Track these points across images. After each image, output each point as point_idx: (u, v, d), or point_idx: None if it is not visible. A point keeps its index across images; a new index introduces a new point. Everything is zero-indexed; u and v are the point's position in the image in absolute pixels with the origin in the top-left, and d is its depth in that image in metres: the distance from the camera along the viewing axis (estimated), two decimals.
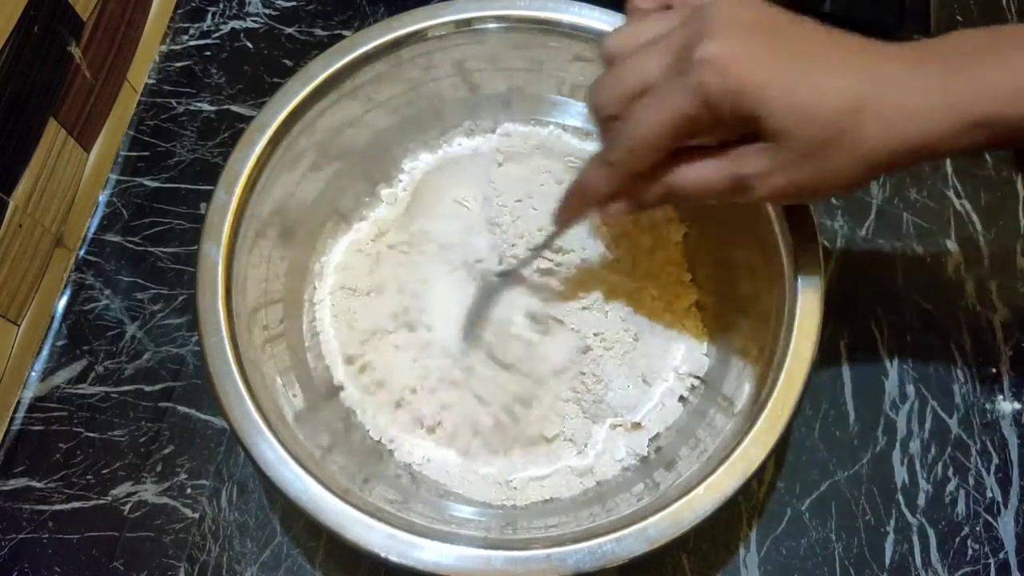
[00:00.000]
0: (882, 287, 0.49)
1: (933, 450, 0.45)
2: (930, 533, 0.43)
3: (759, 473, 0.35)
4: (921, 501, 0.44)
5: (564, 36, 0.44)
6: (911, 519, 0.44)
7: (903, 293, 0.49)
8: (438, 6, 0.44)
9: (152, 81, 0.55)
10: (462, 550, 0.33)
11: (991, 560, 0.43)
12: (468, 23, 0.44)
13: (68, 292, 0.49)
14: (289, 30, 0.57)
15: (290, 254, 0.44)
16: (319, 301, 0.46)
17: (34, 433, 0.45)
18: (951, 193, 0.52)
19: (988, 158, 0.53)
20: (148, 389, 0.46)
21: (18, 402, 0.46)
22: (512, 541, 0.35)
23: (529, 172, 0.47)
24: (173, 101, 0.54)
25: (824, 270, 0.37)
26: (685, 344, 0.45)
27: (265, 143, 0.41)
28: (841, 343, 0.48)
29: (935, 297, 0.49)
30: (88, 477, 0.44)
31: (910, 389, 0.47)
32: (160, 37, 0.57)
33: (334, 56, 0.43)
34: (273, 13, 0.57)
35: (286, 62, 0.56)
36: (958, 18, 0.58)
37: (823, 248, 0.38)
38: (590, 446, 0.43)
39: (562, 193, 0.36)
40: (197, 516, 0.43)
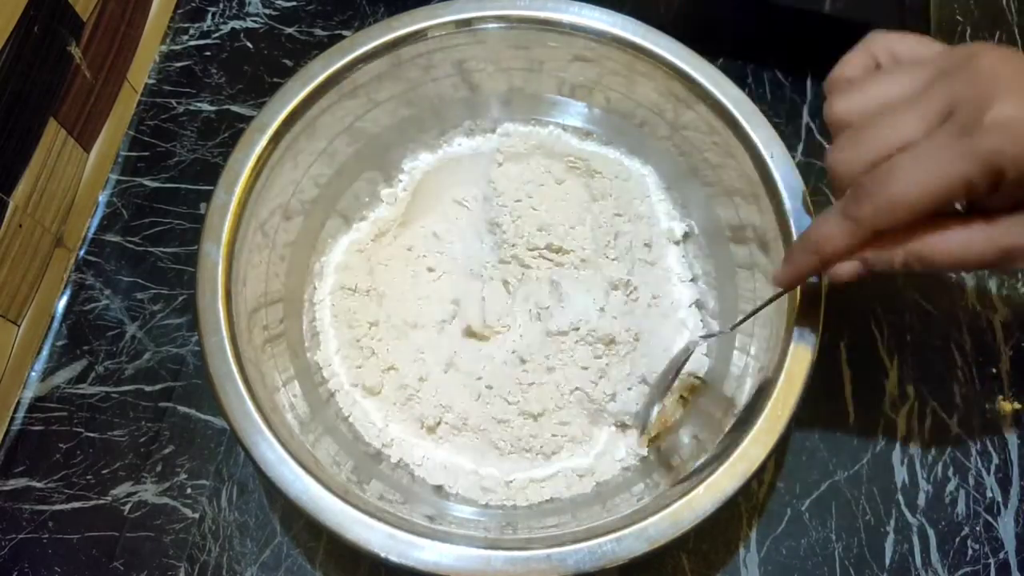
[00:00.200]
0: (882, 287, 0.49)
1: (933, 450, 0.45)
2: (930, 533, 0.43)
3: (759, 473, 0.35)
4: (921, 501, 0.44)
5: (564, 36, 0.44)
6: (911, 519, 0.44)
7: (903, 293, 0.49)
8: (438, 6, 0.44)
9: (152, 81, 0.55)
10: (462, 550, 0.33)
11: (991, 560, 0.43)
12: (468, 23, 0.44)
13: (68, 292, 0.49)
14: (289, 30, 0.57)
15: (290, 254, 0.44)
16: (319, 301, 0.46)
17: (34, 433, 0.45)
18: None
19: None
20: (148, 389, 0.46)
21: (18, 402, 0.46)
22: (512, 541, 0.35)
23: (529, 172, 0.47)
24: (173, 101, 0.54)
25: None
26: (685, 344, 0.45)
27: (265, 143, 0.41)
28: (841, 343, 0.48)
29: (935, 297, 0.49)
30: (88, 477, 0.44)
31: (910, 389, 0.47)
32: (160, 37, 0.57)
33: (334, 56, 0.43)
34: (273, 13, 0.57)
35: (286, 62, 0.56)
36: (958, 18, 0.58)
37: None
38: (590, 447, 0.43)
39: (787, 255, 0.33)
40: (197, 516, 0.43)
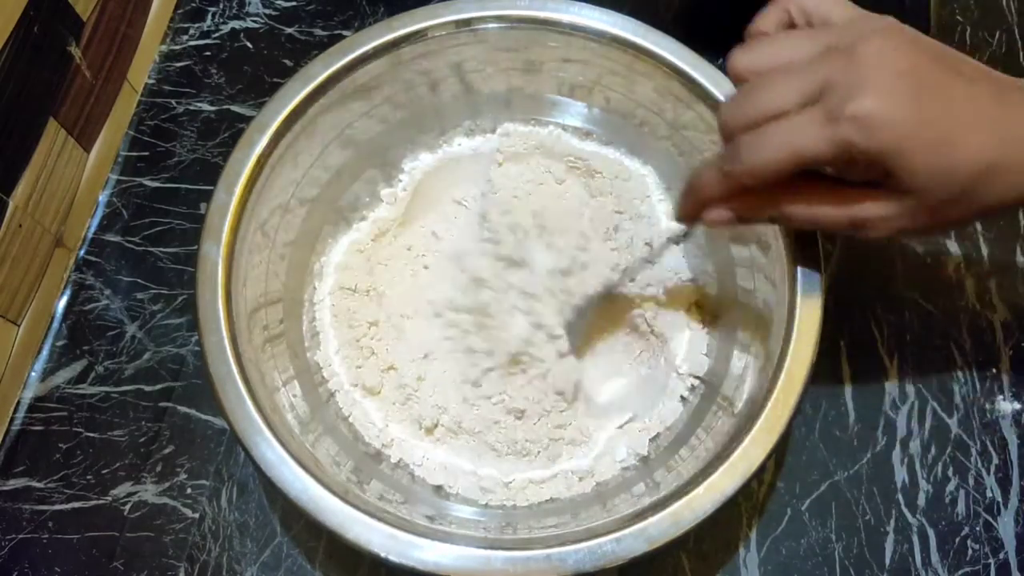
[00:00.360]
0: (882, 287, 0.49)
1: (933, 450, 0.45)
2: (930, 533, 0.43)
3: (759, 473, 0.35)
4: (921, 501, 0.44)
5: (564, 36, 0.44)
6: (911, 519, 0.44)
7: (903, 293, 0.49)
8: (438, 6, 0.44)
9: (152, 81, 0.55)
10: (462, 550, 0.33)
11: (991, 560, 0.43)
12: (468, 23, 0.44)
13: (68, 292, 0.49)
14: (289, 30, 0.57)
15: (290, 254, 0.44)
16: (319, 301, 0.46)
17: (34, 433, 0.45)
18: None
19: None
20: (148, 389, 0.46)
21: (18, 402, 0.46)
22: (512, 541, 0.35)
23: (529, 172, 0.47)
24: (173, 101, 0.54)
25: (824, 270, 0.37)
26: (685, 344, 0.45)
27: (265, 143, 0.41)
28: (841, 343, 0.48)
29: (935, 297, 0.49)
30: (88, 477, 0.44)
31: (910, 389, 0.47)
32: (160, 37, 0.57)
33: (334, 56, 0.43)
34: (273, 13, 0.57)
35: (286, 62, 0.56)
36: (958, 18, 0.58)
37: (823, 248, 0.38)
38: (590, 447, 0.43)
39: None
40: (197, 516, 0.43)
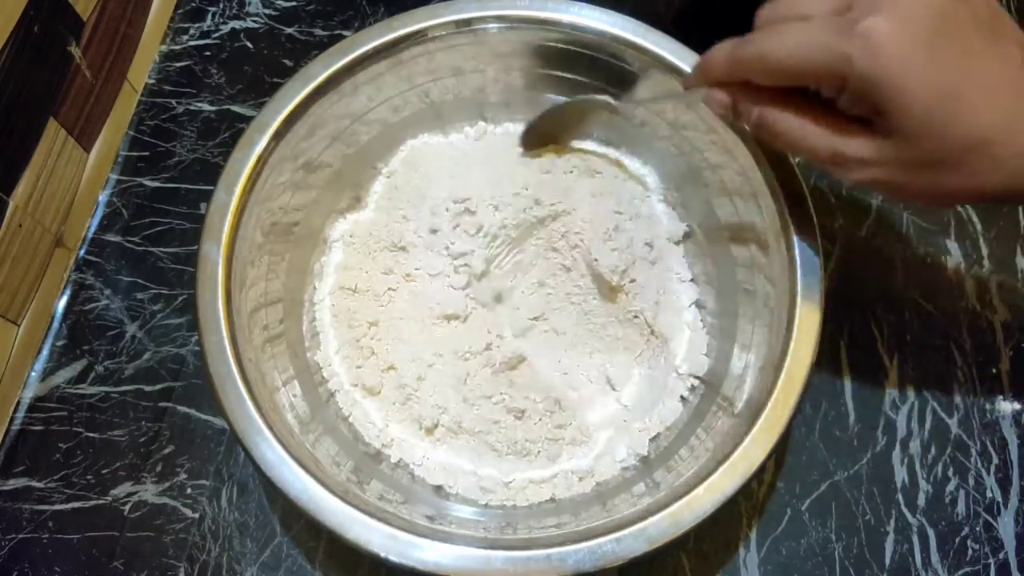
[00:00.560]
0: (882, 287, 0.49)
1: (933, 450, 0.45)
2: (930, 533, 0.43)
3: (759, 473, 0.35)
4: (921, 501, 0.44)
5: (564, 36, 0.44)
6: (911, 519, 0.44)
7: (903, 293, 0.49)
8: (438, 6, 0.44)
9: (152, 81, 0.55)
10: (462, 550, 0.33)
11: (991, 560, 0.43)
12: (468, 23, 0.44)
13: (68, 292, 0.49)
14: (289, 30, 0.57)
15: (290, 254, 0.44)
16: (319, 301, 0.46)
17: (34, 433, 0.45)
18: None
19: None
20: (148, 389, 0.46)
21: (18, 402, 0.46)
22: (512, 541, 0.35)
23: (529, 172, 0.47)
24: (173, 101, 0.54)
25: (824, 270, 0.37)
26: (685, 344, 0.45)
27: (265, 143, 0.41)
28: (841, 343, 0.48)
29: (935, 297, 0.49)
30: (88, 477, 0.44)
31: (910, 389, 0.47)
32: (160, 37, 0.57)
33: (334, 56, 0.43)
34: (273, 13, 0.57)
35: (286, 62, 0.56)
36: None
37: (823, 249, 0.38)
38: (590, 447, 0.43)
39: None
40: (197, 516, 0.43)
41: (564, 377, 0.44)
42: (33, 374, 0.47)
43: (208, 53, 0.56)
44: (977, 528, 0.43)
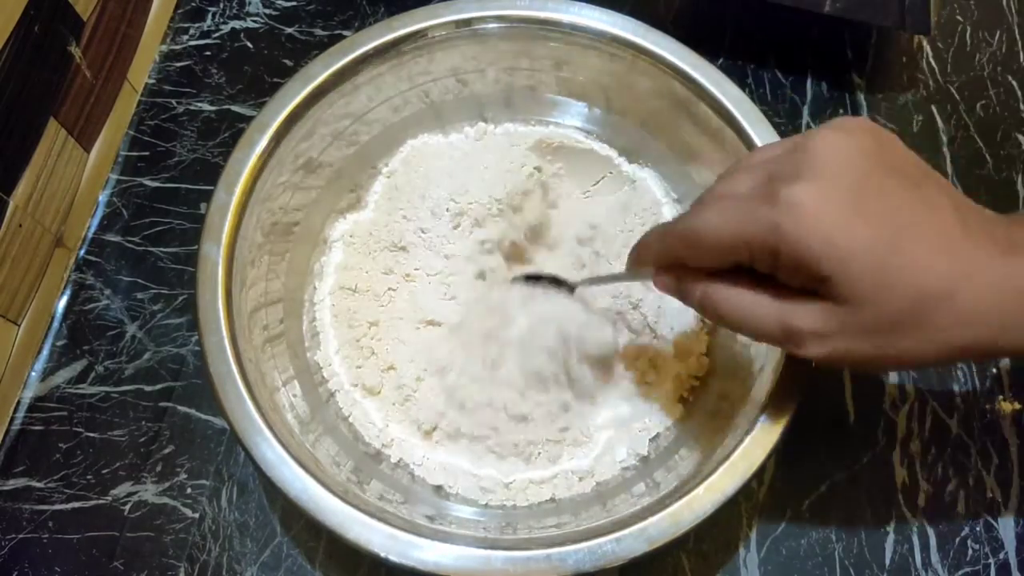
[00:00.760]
0: None
1: (933, 450, 0.45)
2: (930, 533, 0.43)
3: (759, 473, 0.35)
4: (921, 501, 0.44)
5: (564, 36, 0.44)
6: (911, 519, 0.44)
7: None
8: (438, 6, 0.44)
9: (152, 81, 0.55)
10: (462, 550, 0.33)
11: (991, 560, 0.43)
12: (468, 23, 0.44)
13: (68, 292, 0.49)
14: (289, 30, 0.57)
15: (290, 254, 0.44)
16: (319, 301, 0.46)
17: (34, 433, 0.45)
18: None
19: (988, 158, 0.53)
20: (148, 389, 0.46)
21: (18, 402, 0.46)
22: (512, 541, 0.35)
23: (529, 172, 0.47)
24: (173, 101, 0.54)
25: None
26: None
27: (265, 143, 0.41)
28: None
29: None
30: (88, 477, 0.44)
31: (910, 389, 0.47)
32: (160, 37, 0.57)
33: (334, 56, 0.43)
34: (273, 13, 0.57)
35: (286, 62, 0.56)
36: (958, 18, 0.58)
37: None
38: (590, 447, 0.43)
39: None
40: (197, 516, 0.43)
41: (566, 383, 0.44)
42: (33, 374, 0.47)
43: (208, 53, 0.56)
44: (977, 528, 0.43)
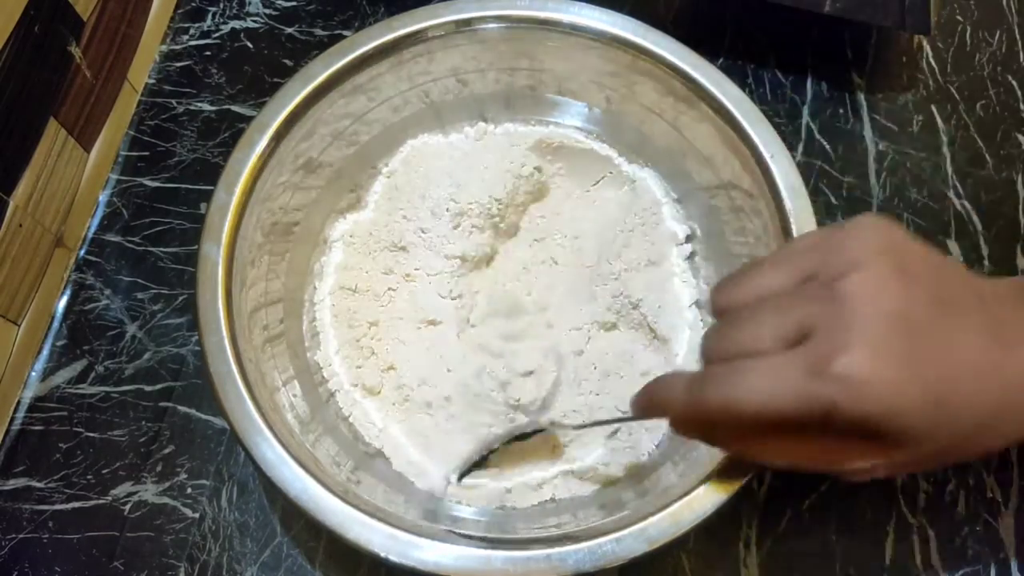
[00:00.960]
0: None
1: None
2: (930, 533, 0.43)
3: (759, 473, 0.35)
4: (921, 501, 0.44)
5: (564, 36, 0.44)
6: (911, 519, 0.44)
7: None
8: (438, 6, 0.44)
9: (152, 81, 0.55)
10: (462, 550, 0.33)
11: (991, 560, 0.43)
12: (468, 23, 0.44)
13: (68, 292, 0.49)
14: (289, 30, 0.57)
15: (290, 254, 0.44)
16: (319, 301, 0.46)
17: (34, 433, 0.45)
18: (951, 193, 0.52)
19: (988, 158, 0.53)
20: (148, 389, 0.46)
21: (18, 402, 0.46)
22: (512, 541, 0.35)
23: (529, 172, 0.47)
24: (173, 101, 0.54)
25: None
26: (685, 344, 0.45)
27: (265, 143, 0.41)
28: None
29: None
30: (88, 477, 0.44)
31: None
32: (160, 37, 0.57)
33: (334, 56, 0.43)
34: (273, 13, 0.57)
35: (286, 62, 0.56)
36: (958, 18, 0.58)
37: None
38: (591, 447, 0.43)
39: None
40: (197, 516, 0.43)
41: (567, 387, 0.44)
42: (33, 374, 0.47)
43: (208, 53, 0.56)
44: (977, 528, 0.43)
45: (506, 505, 0.41)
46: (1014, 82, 0.56)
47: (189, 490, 0.44)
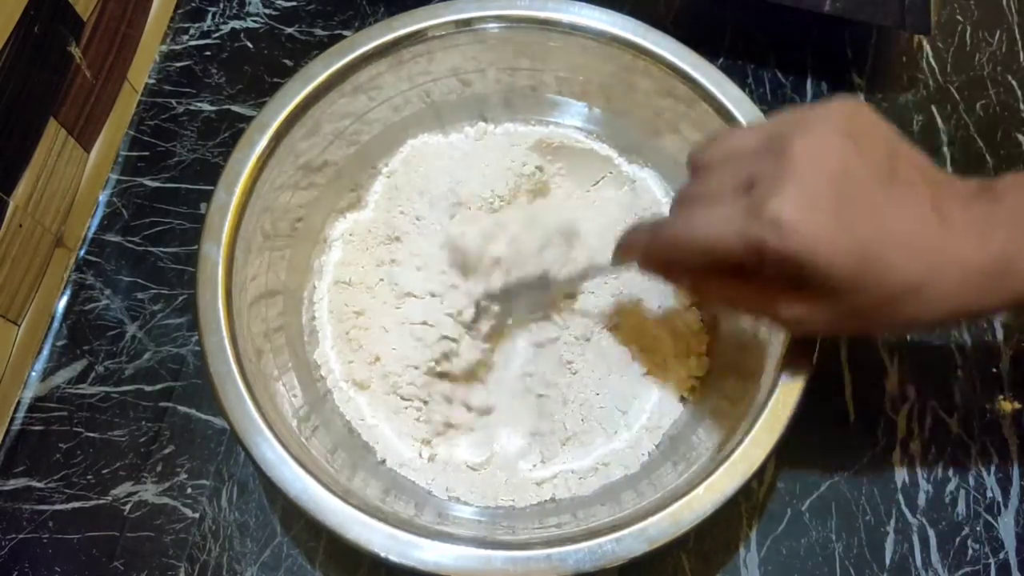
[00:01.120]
0: None
1: (933, 450, 0.45)
2: (930, 533, 0.43)
3: (759, 473, 0.35)
4: (921, 501, 0.44)
5: (564, 36, 0.44)
6: (911, 519, 0.44)
7: None
8: (438, 6, 0.44)
9: (152, 81, 0.55)
10: (462, 550, 0.33)
11: (991, 560, 0.43)
12: (468, 23, 0.44)
13: (68, 292, 0.49)
14: (289, 30, 0.57)
15: (290, 253, 0.44)
16: (319, 300, 0.46)
17: (34, 433, 0.45)
18: None
19: (988, 158, 0.53)
20: (148, 389, 0.46)
21: (18, 402, 0.46)
22: (512, 541, 0.35)
23: (529, 172, 0.47)
24: (173, 101, 0.54)
25: None
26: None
27: (265, 143, 0.41)
28: (841, 343, 0.48)
29: None
30: (88, 477, 0.44)
31: (910, 389, 0.47)
32: (160, 37, 0.57)
33: (334, 56, 0.43)
34: (273, 13, 0.57)
35: (286, 62, 0.56)
36: (958, 18, 0.58)
37: None
38: (591, 448, 0.43)
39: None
40: (197, 516, 0.43)
41: (566, 386, 0.44)
42: (33, 374, 0.47)
43: (208, 53, 0.56)
44: (977, 528, 0.43)
45: (506, 505, 0.41)
46: (1014, 82, 0.56)
47: (189, 490, 0.44)
